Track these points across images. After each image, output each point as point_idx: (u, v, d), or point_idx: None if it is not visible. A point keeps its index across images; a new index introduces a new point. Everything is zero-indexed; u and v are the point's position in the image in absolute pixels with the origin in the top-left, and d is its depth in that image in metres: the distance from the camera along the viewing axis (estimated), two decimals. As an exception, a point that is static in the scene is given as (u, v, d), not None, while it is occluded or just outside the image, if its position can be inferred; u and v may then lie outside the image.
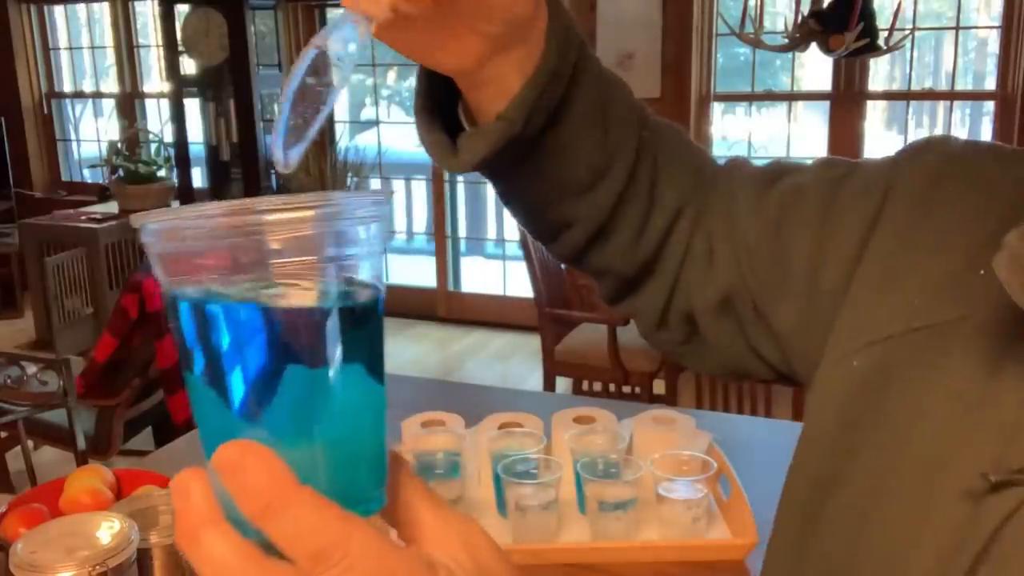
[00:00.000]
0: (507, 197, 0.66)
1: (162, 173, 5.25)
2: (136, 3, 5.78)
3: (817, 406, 0.56)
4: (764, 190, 0.64)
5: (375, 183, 5.53)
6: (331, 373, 0.34)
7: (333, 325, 0.35)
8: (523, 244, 3.45)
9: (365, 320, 0.36)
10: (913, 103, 4.48)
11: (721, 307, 0.65)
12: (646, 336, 0.72)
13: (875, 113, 4.68)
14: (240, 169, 5.04)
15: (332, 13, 5.38)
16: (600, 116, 0.61)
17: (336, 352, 0.34)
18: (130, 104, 5.92)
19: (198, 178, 5.35)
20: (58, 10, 6.05)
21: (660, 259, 0.66)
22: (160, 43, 5.26)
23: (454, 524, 0.38)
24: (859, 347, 0.53)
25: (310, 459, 0.34)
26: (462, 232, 5.46)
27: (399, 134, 5.88)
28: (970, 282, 0.49)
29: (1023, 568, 0.40)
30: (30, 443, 2.60)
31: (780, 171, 0.65)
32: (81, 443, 2.49)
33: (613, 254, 0.66)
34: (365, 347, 0.36)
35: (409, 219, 5.87)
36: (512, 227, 4.44)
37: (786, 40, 3.25)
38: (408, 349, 4.79)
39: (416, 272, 5.51)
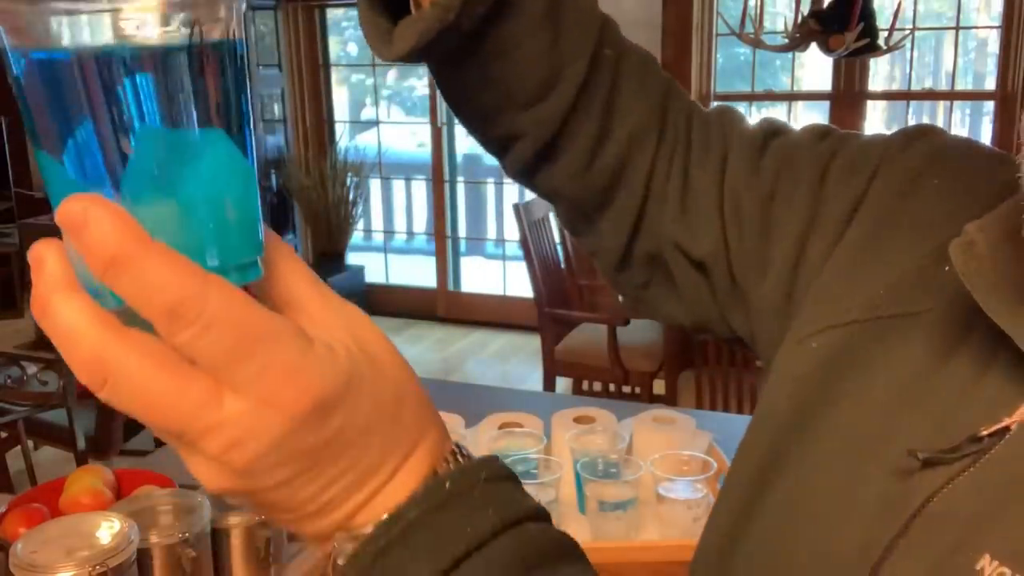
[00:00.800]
0: (452, 101, 0.63)
1: (162, 173, 5.24)
2: (136, 3, 5.77)
3: (772, 386, 0.56)
4: (759, 156, 0.62)
5: (375, 184, 5.54)
6: (188, 128, 0.32)
7: (182, 67, 0.31)
8: (523, 244, 3.45)
9: (221, 65, 0.33)
10: (913, 103, 4.48)
11: (697, 266, 0.63)
12: (607, 276, 0.70)
13: (875, 113, 4.68)
14: (240, 169, 5.03)
15: (332, 13, 5.38)
16: (552, 16, 0.58)
17: (189, 104, 0.31)
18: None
19: (198, 178, 5.34)
20: (58, 10, 6.04)
21: (617, 189, 0.63)
22: None
23: (340, 308, 0.36)
24: (821, 329, 0.53)
25: (168, 218, 0.31)
26: (462, 232, 5.46)
27: (399, 134, 5.89)
28: (937, 277, 0.50)
29: (940, 544, 0.41)
30: (30, 443, 2.60)
31: (771, 131, 0.63)
32: (81, 443, 2.49)
33: (563, 176, 0.63)
34: (223, 102, 0.33)
35: (409, 219, 5.87)
36: (512, 227, 4.44)
37: (786, 40, 3.25)
38: (408, 349, 4.79)
39: (416, 272, 5.51)
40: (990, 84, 4.25)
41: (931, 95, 4.50)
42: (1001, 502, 0.41)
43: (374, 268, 5.47)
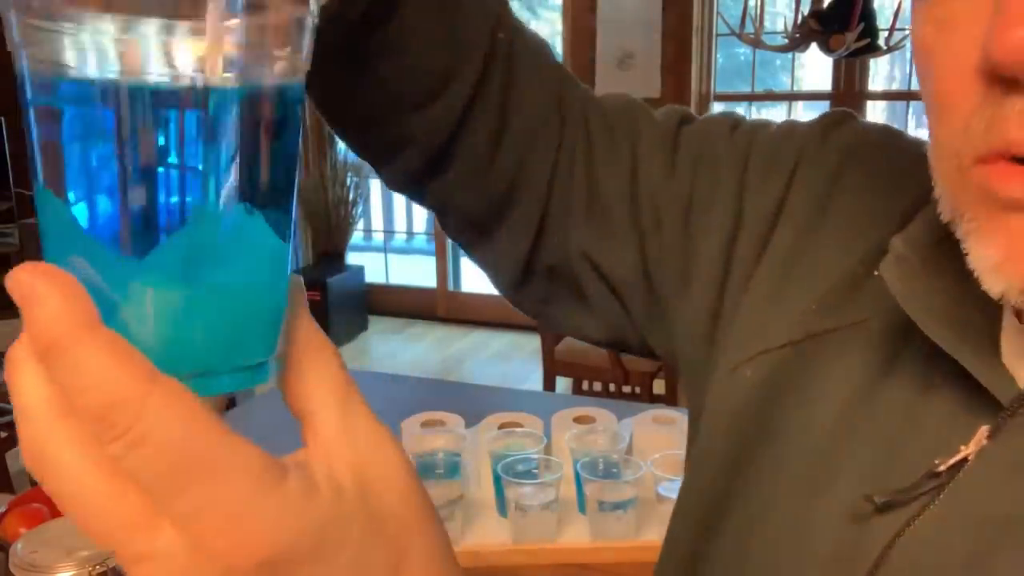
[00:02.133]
0: (328, 110, 0.54)
1: (162, 173, 5.25)
2: (136, 3, 5.78)
3: (708, 422, 0.51)
4: (672, 151, 0.55)
5: (375, 184, 5.54)
6: (229, 196, 0.26)
7: (233, 119, 0.26)
8: (523, 244, 3.45)
9: (281, 118, 0.28)
10: (913, 103, 4.48)
11: (610, 280, 0.57)
12: (508, 295, 0.63)
13: (875, 113, 4.68)
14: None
15: (332, 13, 5.37)
16: (447, 8, 0.51)
17: (235, 165, 0.27)
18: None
19: (198, 178, 5.34)
20: (58, 10, 6.04)
21: (516, 196, 0.56)
22: None
23: (360, 431, 0.29)
24: (752, 356, 0.49)
25: (162, 301, 0.26)
26: (462, 232, 5.46)
27: (399, 134, 5.88)
28: (868, 285, 0.47)
29: None
30: (30, 443, 2.60)
31: (680, 119, 0.57)
32: (81, 443, 2.49)
33: (456, 184, 0.56)
34: (278, 166, 0.28)
35: (409, 219, 5.87)
36: (512, 227, 4.45)
37: (786, 40, 3.25)
38: (408, 349, 4.79)
39: (416, 272, 5.51)
40: (990, 84, 4.25)
41: (931, 95, 4.50)
42: (970, 548, 0.38)
43: (374, 268, 5.47)
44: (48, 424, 0.26)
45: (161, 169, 0.26)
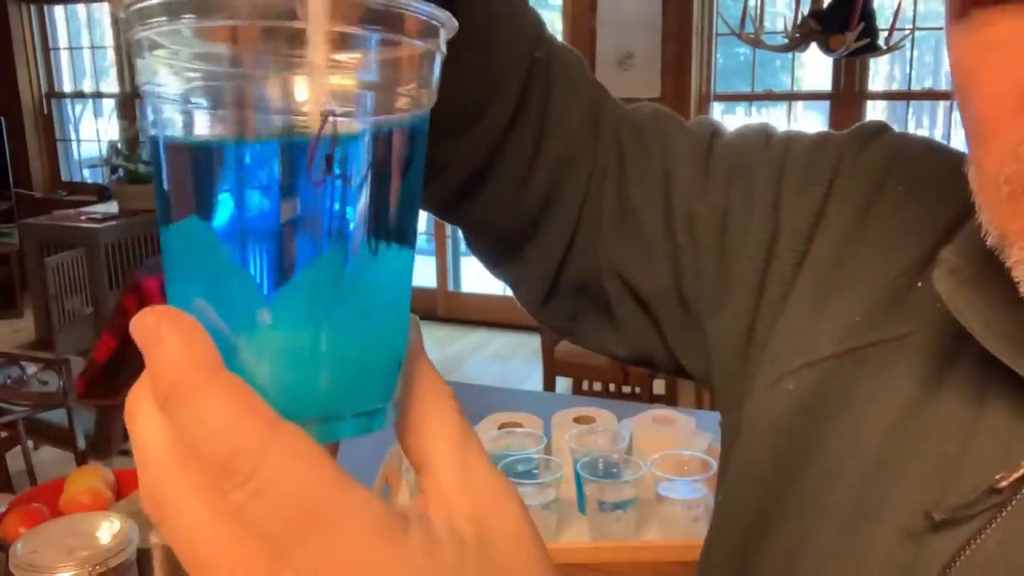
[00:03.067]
0: None
1: (162, 173, 5.24)
2: (136, 3, 5.78)
3: (749, 436, 0.50)
4: (706, 163, 0.55)
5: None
6: (364, 238, 0.26)
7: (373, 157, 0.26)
8: (523, 244, 3.45)
9: (412, 152, 0.27)
10: (913, 103, 4.48)
11: (642, 297, 0.56)
12: (533, 311, 0.62)
13: (875, 113, 4.68)
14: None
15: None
16: (488, 24, 0.50)
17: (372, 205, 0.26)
18: (130, 104, 5.92)
19: (198, 178, 5.34)
20: (58, 10, 6.05)
21: (548, 216, 0.56)
22: None
23: (479, 481, 0.29)
24: (795, 368, 0.48)
25: (287, 345, 0.26)
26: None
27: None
28: (912, 296, 0.46)
29: None
30: (30, 443, 2.60)
31: (712, 131, 0.56)
32: (81, 443, 2.50)
33: (490, 207, 0.55)
34: (405, 206, 0.27)
35: (409, 219, 5.87)
36: (512, 227, 4.45)
37: (786, 40, 3.25)
38: (408, 349, 4.79)
39: (416, 272, 5.48)
40: (990, 84, 4.25)
41: (931, 95, 4.50)
42: None
43: (374, 268, 5.47)
44: (168, 471, 0.25)
45: (291, 210, 0.25)
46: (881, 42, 3.20)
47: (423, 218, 5.16)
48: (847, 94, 4.28)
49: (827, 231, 0.50)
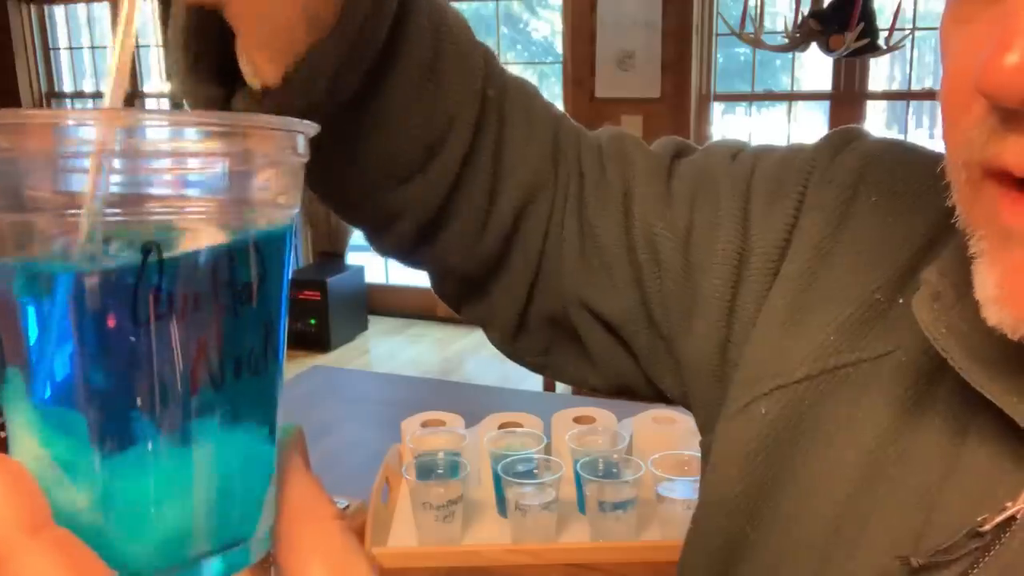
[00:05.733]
0: (319, 188, 0.52)
1: (162, 173, 5.25)
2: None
3: (719, 462, 0.48)
4: (666, 181, 0.53)
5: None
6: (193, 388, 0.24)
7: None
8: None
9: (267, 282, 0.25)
10: (913, 103, 4.48)
11: (609, 324, 0.54)
12: (504, 349, 0.61)
13: (875, 113, 4.68)
14: (240, 169, 5.04)
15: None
16: (434, 67, 0.48)
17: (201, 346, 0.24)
18: (130, 104, 5.92)
19: (198, 178, 5.34)
20: (58, 10, 6.05)
21: (511, 253, 0.55)
22: (160, 43, 5.26)
23: None
24: (768, 391, 0.46)
25: (126, 495, 0.24)
26: (462, 232, 5.46)
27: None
28: (892, 313, 0.44)
29: None
30: (30, 443, 2.60)
31: (675, 151, 0.55)
32: None
33: (449, 250, 0.54)
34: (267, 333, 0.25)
35: (409, 219, 5.87)
36: (512, 227, 4.44)
37: (786, 40, 3.25)
38: (408, 349, 4.79)
39: (416, 272, 5.48)
40: (990, 84, 4.25)
41: (931, 95, 4.49)
42: None
43: (374, 268, 5.46)
44: None
45: (112, 359, 0.23)
46: (881, 42, 3.20)
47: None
48: (847, 94, 4.28)
49: (800, 246, 0.49)
